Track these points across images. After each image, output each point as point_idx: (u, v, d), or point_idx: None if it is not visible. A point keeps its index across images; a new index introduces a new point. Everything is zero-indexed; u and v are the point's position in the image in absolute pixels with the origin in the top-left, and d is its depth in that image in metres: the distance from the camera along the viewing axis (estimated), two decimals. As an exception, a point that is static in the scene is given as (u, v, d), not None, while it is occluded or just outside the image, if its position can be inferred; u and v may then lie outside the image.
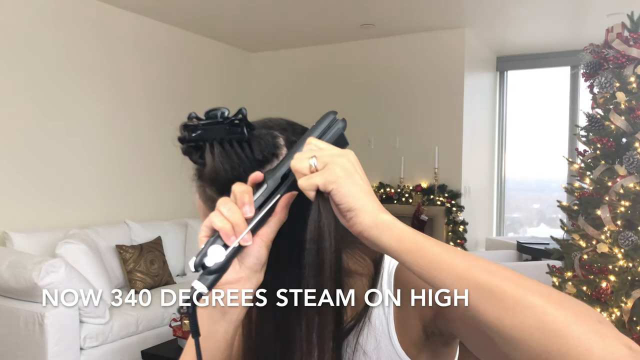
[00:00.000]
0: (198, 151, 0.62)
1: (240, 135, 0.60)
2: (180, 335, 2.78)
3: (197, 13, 4.33)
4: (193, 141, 0.61)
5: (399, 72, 4.93)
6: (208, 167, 0.61)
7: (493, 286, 0.48)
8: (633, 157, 2.34)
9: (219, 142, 0.60)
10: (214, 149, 0.60)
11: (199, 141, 0.61)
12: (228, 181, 0.59)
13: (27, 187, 3.55)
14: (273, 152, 0.62)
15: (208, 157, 0.60)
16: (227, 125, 0.60)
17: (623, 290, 2.26)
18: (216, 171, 0.60)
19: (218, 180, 0.61)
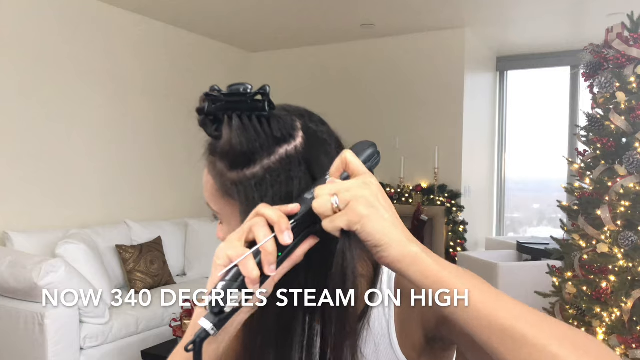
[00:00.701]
0: (215, 124, 0.61)
1: (261, 111, 0.60)
2: (180, 335, 2.78)
3: (197, 13, 4.33)
4: (212, 113, 0.61)
5: (399, 72, 4.93)
6: (224, 139, 0.60)
7: (516, 331, 0.49)
8: (633, 157, 2.33)
9: (239, 115, 0.60)
10: (232, 121, 0.59)
11: (219, 113, 0.61)
12: (242, 155, 0.59)
13: (27, 187, 3.55)
14: (290, 132, 0.61)
15: (225, 129, 0.60)
16: (249, 99, 0.60)
17: (623, 290, 2.26)
18: (231, 143, 0.59)
19: (231, 152, 0.60)
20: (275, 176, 0.59)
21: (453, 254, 4.53)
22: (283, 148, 0.60)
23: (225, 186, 0.62)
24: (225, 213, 0.64)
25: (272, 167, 0.59)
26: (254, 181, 0.59)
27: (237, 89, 0.60)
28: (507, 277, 3.57)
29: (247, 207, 0.59)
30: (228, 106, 0.60)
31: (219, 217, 0.66)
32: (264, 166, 0.59)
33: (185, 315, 2.77)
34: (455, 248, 4.57)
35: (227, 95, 0.60)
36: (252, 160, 0.59)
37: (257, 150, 0.59)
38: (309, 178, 0.59)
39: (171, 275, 3.94)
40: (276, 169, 0.59)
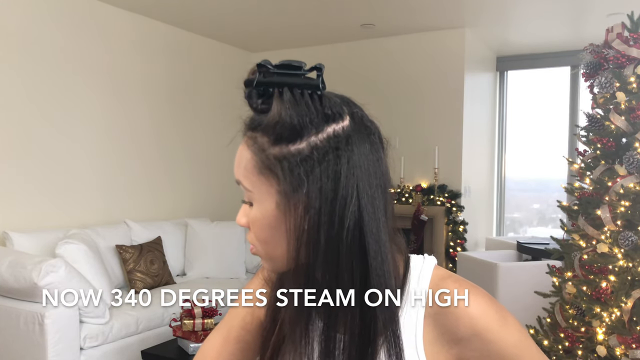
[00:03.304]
0: (261, 97, 0.60)
1: (315, 87, 0.59)
2: (180, 335, 2.78)
3: (197, 13, 4.32)
4: (263, 84, 0.59)
5: (399, 72, 4.93)
6: (272, 112, 0.58)
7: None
8: (633, 157, 2.33)
9: (290, 89, 0.59)
10: (284, 94, 0.58)
11: (270, 85, 0.59)
12: (290, 129, 0.58)
13: (27, 187, 3.55)
14: (340, 112, 0.60)
15: (276, 102, 0.58)
16: (303, 74, 0.59)
17: (623, 290, 2.26)
18: (280, 116, 0.58)
19: (279, 126, 0.58)
20: (323, 154, 0.58)
21: (453, 254, 4.53)
22: (331, 127, 0.59)
23: (265, 162, 0.60)
24: (259, 191, 0.62)
25: (319, 145, 0.58)
26: (299, 157, 0.58)
27: (290, 63, 0.59)
28: (507, 277, 3.57)
29: (290, 184, 0.59)
30: (280, 79, 0.59)
31: (249, 196, 0.63)
32: (311, 143, 0.58)
33: (185, 315, 2.77)
34: (455, 248, 4.57)
35: (280, 67, 0.59)
36: (299, 136, 0.58)
37: (306, 126, 0.58)
38: (355, 161, 0.59)
39: (171, 275, 3.94)
40: (323, 147, 0.58)
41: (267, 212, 0.61)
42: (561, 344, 2.47)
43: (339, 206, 0.58)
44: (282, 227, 0.61)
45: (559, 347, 2.48)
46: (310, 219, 0.58)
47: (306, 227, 0.59)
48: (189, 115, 4.78)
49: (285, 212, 0.60)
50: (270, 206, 0.61)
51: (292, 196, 0.59)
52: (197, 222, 4.43)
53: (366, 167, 0.60)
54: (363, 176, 0.59)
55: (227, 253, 4.29)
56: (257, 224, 0.63)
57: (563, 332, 2.47)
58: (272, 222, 0.61)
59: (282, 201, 0.60)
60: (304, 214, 0.58)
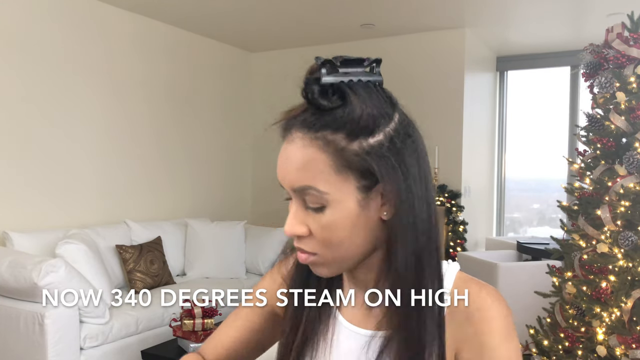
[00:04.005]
0: (334, 94, 0.59)
1: (379, 79, 0.60)
2: (180, 335, 2.78)
3: (197, 12, 4.32)
4: (331, 80, 0.59)
5: (399, 72, 4.93)
6: (351, 107, 0.58)
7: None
8: (633, 157, 2.33)
9: (361, 82, 0.59)
10: (356, 89, 0.58)
11: (338, 81, 0.59)
12: (370, 121, 0.58)
13: (27, 187, 3.55)
14: (395, 99, 0.63)
15: (353, 97, 0.58)
16: (366, 67, 0.60)
17: (623, 290, 2.26)
18: (362, 111, 0.58)
19: (361, 120, 0.58)
20: (402, 140, 0.60)
21: (453, 254, 4.53)
22: (396, 114, 0.61)
23: (344, 160, 0.59)
24: (337, 191, 0.59)
25: (394, 134, 0.60)
26: (384, 148, 0.59)
27: (350, 58, 0.59)
28: (507, 277, 3.56)
29: (383, 176, 0.59)
30: (349, 75, 0.59)
31: (319, 200, 0.60)
32: (386, 133, 0.59)
33: (185, 315, 2.77)
34: (455, 248, 4.57)
35: (344, 62, 0.59)
36: (377, 127, 0.59)
37: (383, 116, 0.59)
38: (421, 141, 0.64)
39: (171, 275, 3.94)
40: (399, 134, 0.60)
41: (349, 211, 0.60)
42: (561, 344, 2.47)
43: (427, 188, 0.62)
44: (361, 222, 0.60)
45: (559, 347, 2.48)
46: (403, 203, 0.59)
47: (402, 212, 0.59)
48: (188, 115, 4.78)
49: (366, 206, 0.60)
50: (351, 204, 0.60)
51: (374, 188, 0.60)
52: (197, 222, 4.43)
53: (424, 145, 0.64)
54: (426, 156, 0.63)
55: (227, 253, 4.29)
56: (333, 226, 0.60)
57: (563, 332, 2.47)
58: (354, 220, 0.60)
59: (362, 196, 0.60)
60: (397, 201, 0.59)
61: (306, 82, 0.61)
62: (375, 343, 0.64)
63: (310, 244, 0.62)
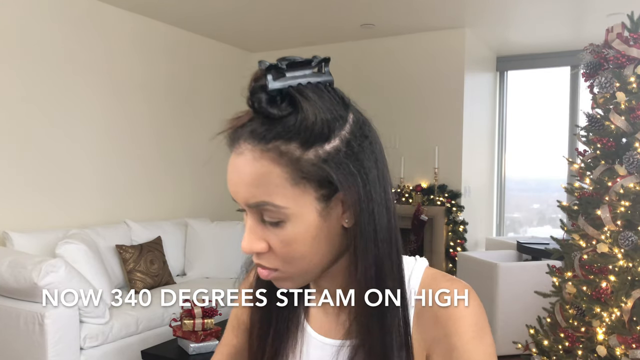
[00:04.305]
0: (282, 101, 0.54)
1: (328, 78, 0.57)
2: (180, 335, 2.78)
3: (197, 12, 4.32)
4: (278, 87, 0.53)
5: (399, 72, 4.93)
6: (304, 114, 0.53)
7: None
8: (633, 157, 2.33)
9: (310, 85, 0.55)
10: (306, 93, 0.54)
11: (286, 86, 0.54)
12: (323, 127, 0.54)
13: (27, 187, 3.55)
14: (347, 98, 0.59)
15: (304, 103, 0.53)
16: (314, 68, 0.56)
17: (623, 290, 2.26)
18: (315, 117, 0.53)
19: (315, 127, 0.54)
20: (359, 142, 0.56)
21: (453, 254, 4.53)
22: (350, 115, 0.58)
23: (300, 171, 0.54)
24: (296, 205, 0.55)
25: (350, 137, 0.56)
26: (341, 153, 0.55)
27: (296, 59, 0.55)
28: (507, 277, 3.57)
29: (341, 183, 0.55)
30: (295, 79, 0.54)
31: (278, 215, 0.56)
32: (342, 137, 0.56)
33: (185, 315, 2.77)
34: (455, 248, 4.57)
35: (289, 65, 0.54)
36: (332, 132, 0.55)
37: (336, 120, 0.55)
38: (378, 141, 0.59)
39: (171, 275, 3.94)
40: (355, 137, 0.56)
41: (309, 224, 0.56)
42: (561, 344, 2.47)
43: (386, 191, 0.57)
44: (323, 233, 0.57)
45: (559, 347, 2.48)
46: (363, 211, 0.56)
47: (363, 220, 0.56)
48: (188, 115, 4.78)
49: (327, 216, 0.57)
50: (311, 216, 0.56)
51: (334, 197, 0.56)
52: (197, 222, 4.43)
53: (381, 145, 0.59)
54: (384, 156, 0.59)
55: (227, 253, 4.29)
56: (294, 241, 0.57)
57: (563, 332, 2.47)
58: (315, 232, 0.57)
59: (322, 206, 0.56)
60: (357, 208, 0.55)
61: (251, 90, 0.54)
62: (343, 353, 0.62)
63: (271, 259, 0.59)
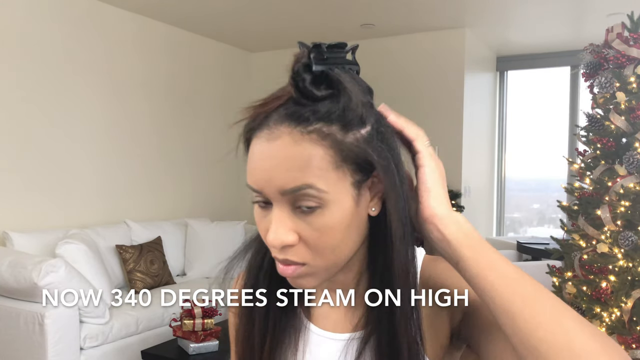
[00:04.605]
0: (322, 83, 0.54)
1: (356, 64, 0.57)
2: (180, 335, 2.78)
3: (197, 12, 4.32)
4: (320, 70, 0.53)
5: (399, 72, 4.93)
6: (345, 97, 0.53)
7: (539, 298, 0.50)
8: (633, 157, 2.33)
9: (345, 70, 0.55)
10: (344, 77, 0.54)
11: (328, 68, 0.53)
12: (360, 108, 0.54)
13: (27, 187, 3.55)
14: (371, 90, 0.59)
15: (346, 85, 0.53)
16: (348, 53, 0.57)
17: (623, 290, 2.26)
18: (353, 100, 0.53)
19: (353, 110, 0.53)
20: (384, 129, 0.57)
21: (453, 254, 4.52)
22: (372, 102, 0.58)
23: (342, 154, 0.53)
24: (336, 190, 0.53)
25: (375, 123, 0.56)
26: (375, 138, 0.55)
27: (334, 43, 0.55)
28: (507, 277, 3.56)
29: (382, 168, 0.55)
30: (335, 61, 0.55)
31: (324, 198, 0.53)
32: (372, 123, 0.56)
33: (185, 315, 2.77)
34: (455, 248, 4.56)
35: (330, 48, 0.54)
36: (366, 117, 0.55)
37: (366, 106, 0.55)
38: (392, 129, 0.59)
39: (171, 275, 3.94)
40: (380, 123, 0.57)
41: (345, 210, 0.54)
42: (561, 344, 2.47)
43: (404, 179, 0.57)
44: (355, 221, 0.56)
45: (559, 347, 2.47)
46: (399, 196, 0.55)
47: (398, 206, 0.55)
48: (189, 115, 4.78)
49: (359, 202, 0.55)
50: (347, 202, 0.54)
51: (365, 183, 0.56)
52: (197, 222, 4.43)
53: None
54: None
55: (227, 253, 4.27)
56: (329, 229, 0.54)
57: (563, 332, 2.47)
58: (349, 219, 0.55)
59: (356, 192, 0.55)
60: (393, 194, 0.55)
61: (295, 70, 0.54)
62: (353, 345, 0.61)
63: (300, 252, 0.55)
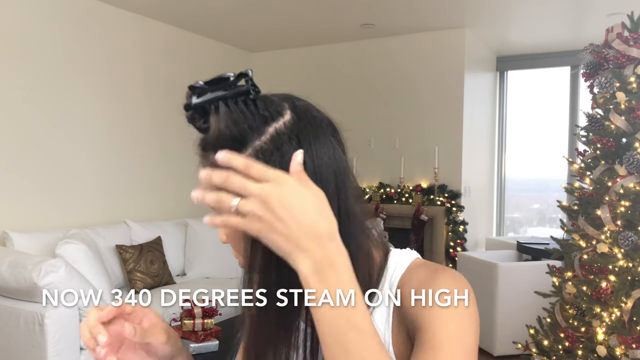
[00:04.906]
0: (203, 116, 0.61)
1: (247, 94, 0.59)
2: (180, 335, 2.78)
3: (197, 12, 4.33)
4: (199, 105, 0.60)
5: (399, 72, 4.93)
6: (212, 128, 0.59)
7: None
8: (633, 157, 2.33)
9: (225, 101, 0.59)
10: (219, 109, 0.59)
11: (205, 104, 0.60)
12: (232, 139, 0.58)
13: (27, 187, 3.55)
14: (278, 110, 0.60)
15: (213, 118, 0.59)
16: (232, 85, 0.60)
17: (623, 290, 2.26)
18: (220, 130, 0.59)
19: (222, 139, 0.59)
20: (268, 155, 0.58)
21: (453, 254, 4.53)
22: (272, 126, 0.59)
23: None
24: None
25: (264, 147, 0.58)
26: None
27: (219, 77, 0.61)
28: (507, 277, 3.57)
29: None
30: (214, 96, 0.60)
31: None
32: (256, 147, 0.58)
33: (185, 315, 2.77)
34: (455, 248, 4.57)
35: (210, 84, 0.61)
36: (243, 144, 0.58)
37: (246, 132, 0.58)
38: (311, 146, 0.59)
39: (171, 275, 3.94)
40: (268, 149, 0.58)
41: None
42: (561, 344, 2.47)
43: None
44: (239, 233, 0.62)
45: (559, 347, 2.48)
46: None
47: None
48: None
49: None
50: None
51: None
52: (197, 222, 4.43)
53: (317, 156, 0.59)
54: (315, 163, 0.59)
55: (227, 253, 4.26)
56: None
57: (563, 332, 2.47)
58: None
59: None
60: None
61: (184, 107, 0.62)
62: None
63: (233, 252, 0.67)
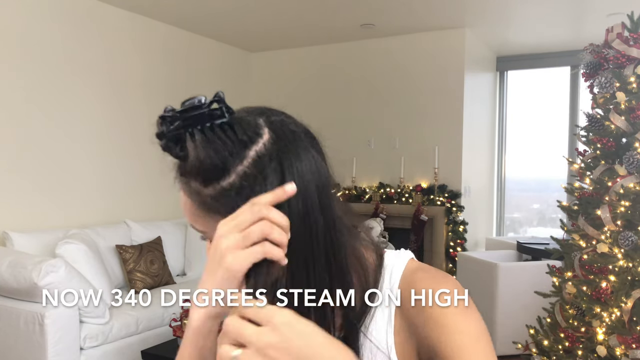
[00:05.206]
0: (178, 144, 0.59)
1: (221, 118, 0.58)
2: (180, 335, 2.78)
3: (197, 12, 4.32)
4: (172, 133, 0.58)
5: (399, 72, 4.93)
6: (191, 157, 0.58)
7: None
8: (633, 157, 2.33)
9: (200, 129, 0.58)
10: (195, 136, 0.57)
11: (178, 131, 0.58)
12: (213, 168, 0.58)
13: (27, 187, 3.55)
14: (256, 131, 0.59)
15: (190, 147, 0.57)
16: (205, 110, 0.58)
17: (623, 290, 2.26)
18: (200, 159, 0.57)
19: (202, 168, 0.58)
20: (252, 179, 0.57)
21: (453, 254, 4.53)
22: (252, 149, 0.58)
23: (206, 203, 0.61)
24: (212, 229, 0.60)
25: (247, 172, 0.58)
26: (234, 191, 0.58)
27: (191, 103, 0.58)
28: (507, 277, 3.57)
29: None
30: (187, 123, 0.58)
31: (207, 236, 0.65)
32: (239, 173, 0.58)
33: (185, 315, 2.77)
34: (455, 248, 4.57)
35: (182, 112, 0.58)
36: (226, 170, 0.58)
37: (227, 159, 0.58)
38: (279, 172, 0.58)
39: (171, 275, 3.94)
40: (251, 173, 0.58)
41: None
42: (561, 344, 2.47)
43: None
44: None
45: (559, 347, 2.48)
46: None
47: None
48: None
49: None
50: None
51: None
52: (197, 222, 4.42)
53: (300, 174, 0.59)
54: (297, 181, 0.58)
55: (227, 253, 4.29)
56: None
57: (563, 332, 2.47)
58: None
59: None
60: None
61: (156, 136, 0.60)
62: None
63: None
